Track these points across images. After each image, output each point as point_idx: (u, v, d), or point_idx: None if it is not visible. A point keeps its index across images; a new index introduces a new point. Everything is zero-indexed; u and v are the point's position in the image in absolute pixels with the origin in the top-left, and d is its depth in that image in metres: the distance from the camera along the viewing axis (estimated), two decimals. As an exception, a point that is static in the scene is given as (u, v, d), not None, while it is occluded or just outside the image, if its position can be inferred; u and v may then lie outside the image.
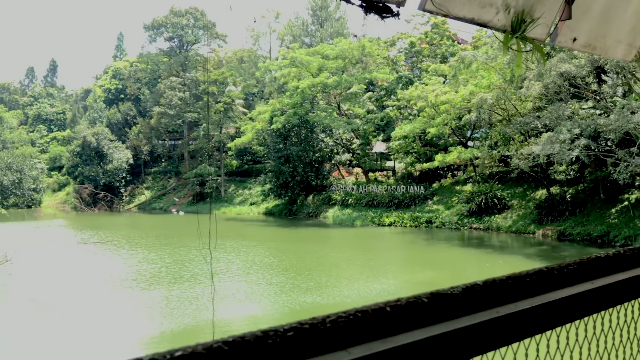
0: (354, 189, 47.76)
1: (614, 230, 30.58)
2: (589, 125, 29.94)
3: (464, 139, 44.33)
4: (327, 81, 46.20)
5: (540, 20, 5.71)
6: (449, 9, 5.17)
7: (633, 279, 0.99)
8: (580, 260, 0.96)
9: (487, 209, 37.73)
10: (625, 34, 6.80)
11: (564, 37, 6.06)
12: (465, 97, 37.50)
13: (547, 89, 32.54)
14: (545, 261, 26.86)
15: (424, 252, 30.98)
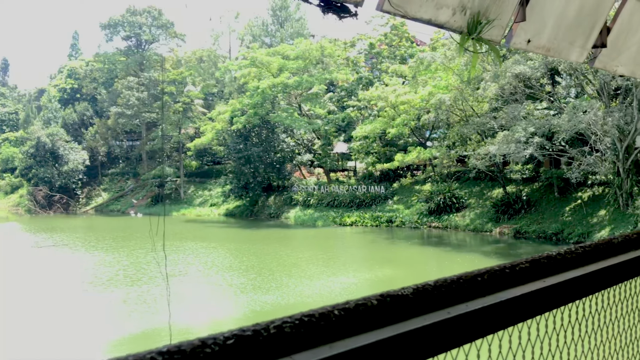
0: (316, 189, 47.81)
1: (568, 227, 31.45)
2: (543, 125, 30.72)
3: (423, 139, 44.90)
4: (288, 81, 46.11)
5: (496, 22, 5.80)
6: (407, 9, 5.20)
7: (584, 277, 0.98)
8: (532, 259, 0.95)
9: (446, 207, 38.32)
10: (578, 36, 6.97)
11: (519, 38, 6.17)
12: (425, 98, 38.01)
13: (503, 90, 33.26)
14: (502, 258, 27.44)
15: (384, 251, 31.23)
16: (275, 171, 49.92)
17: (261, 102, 46.89)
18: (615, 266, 1.11)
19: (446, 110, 37.03)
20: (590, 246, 1.12)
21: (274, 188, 50.66)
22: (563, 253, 1.03)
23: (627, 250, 1.22)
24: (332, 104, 50.16)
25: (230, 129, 49.24)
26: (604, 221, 30.21)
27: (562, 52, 7.15)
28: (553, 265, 0.97)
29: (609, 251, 1.16)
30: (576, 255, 1.05)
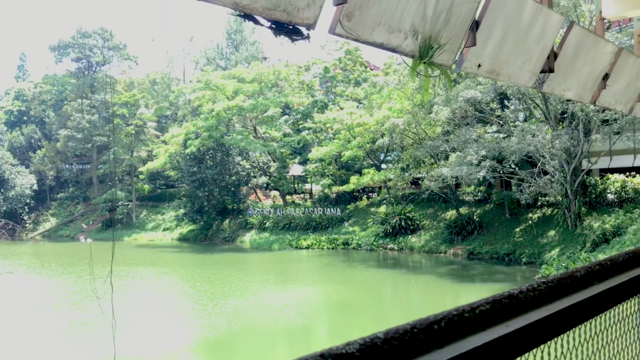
0: (272, 212, 47.47)
1: (519, 248, 32.08)
2: (493, 148, 31.44)
3: (378, 162, 45.32)
4: (243, 104, 45.94)
5: (447, 47, 5.86)
6: (359, 33, 5.18)
7: (548, 318, 0.90)
8: (493, 300, 0.86)
9: (401, 229, 38.61)
10: (526, 61, 7.12)
11: (469, 63, 6.25)
12: (379, 121, 38.47)
13: (455, 114, 33.99)
14: (456, 280, 27.73)
15: (340, 274, 31.11)
16: (230, 194, 49.40)
17: (216, 125, 46.52)
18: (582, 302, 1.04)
19: (400, 134, 37.55)
20: (553, 281, 1.04)
21: (229, 211, 50.06)
22: (525, 290, 0.94)
23: (590, 284, 1.15)
24: (287, 127, 50.20)
25: (184, 152, 48.58)
26: (554, 241, 30.95)
27: (511, 77, 7.29)
28: (515, 305, 0.89)
29: (573, 285, 1.09)
30: (540, 292, 0.97)
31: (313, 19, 4.67)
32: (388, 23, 5.24)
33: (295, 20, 4.59)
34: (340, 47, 52.01)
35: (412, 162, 38.12)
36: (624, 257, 1.35)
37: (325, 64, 52.89)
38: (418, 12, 5.36)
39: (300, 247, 41.61)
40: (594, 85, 8.82)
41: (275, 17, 4.47)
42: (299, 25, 4.68)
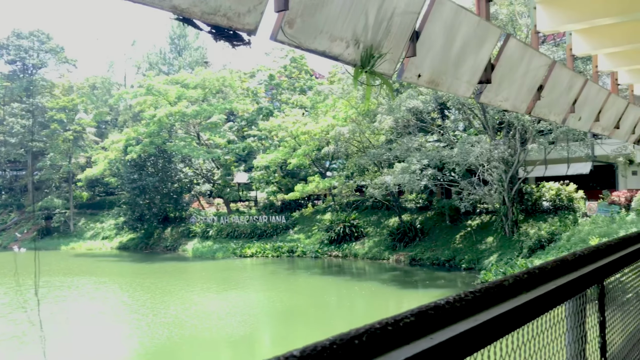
0: (215, 220, 46.83)
1: (459, 254, 32.85)
2: (435, 157, 32.15)
3: (323, 169, 45.51)
4: (186, 110, 45.22)
5: (388, 56, 5.92)
6: (301, 40, 5.16)
7: (475, 329, 0.88)
8: (418, 311, 0.83)
9: (346, 236, 38.86)
10: (464, 72, 7.28)
11: (410, 72, 6.33)
12: (324, 129, 38.68)
13: (397, 123, 34.58)
14: (399, 286, 28.08)
15: (284, 282, 30.97)
16: (173, 202, 48.46)
17: (158, 131, 45.60)
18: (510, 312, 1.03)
19: (345, 142, 37.86)
20: (481, 291, 1.03)
21: (170, 219, 49.07)
22: (451, 301, 0.92)
23: (518, 293, 1.15)
24: (232, 134, 49.74)
25: (124, 158, 47.34)
26: (492, 247, 31.84)
27: (450, 87, 7.43)
28: (441, 317, 0.86)
29: (501, 295, 1.08)
30: (467, 303, 0.95)
31: (254, 25, 4.61)
32: (330, 31, 5.24)
33: (236, 26, 4.53)
34: (286, 55, 52.09)
35: (357, 169, 38.50)
36: (552, 265, 1.37)
37: (270, 71, 52.81)
38: (359, 22, 5.40)
39: (245, 256, 41.20)
40: (529, 96, 9.13)
41: (215, 21, 4.39)
42: (240, 30, 4.62)
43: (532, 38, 9.70)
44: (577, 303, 1.49)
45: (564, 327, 1.54)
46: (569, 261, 1.46)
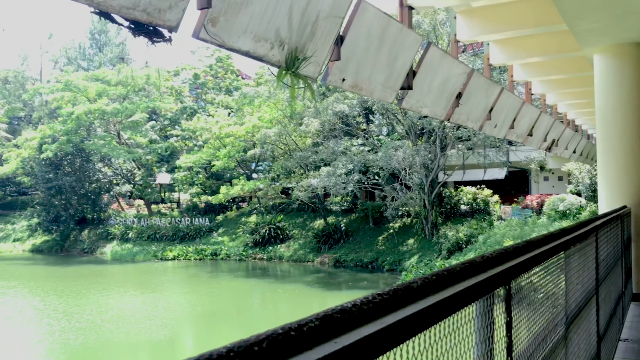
0: (135, 222, 45.38)
1: (382, 256, 33.50)
2: (360, 161, 32.68)
3: (249, 171, 45.17)
4: (107, 108, 43.60)
5: (313, 59, 5.94)
6: (224, 39, 5.09)
7: (381, 332, 0.88)
8: (324, 315, 0.82)
9: (271, 239, 38.73)
10: (387, 78, 7.43)
11: (334, 76, 6.40)
12: (249, 131, 38.40)
13: (324, 126, 34.87)
14: (323, 287, 28.27)
15: (206, 285, 30.45)
16: (90, 203, 46.56)
17: (75, 129, 43.68)
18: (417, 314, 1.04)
19: (271, 144, 37.75)
20: (389, 293, 1.03)
21: (88, 221, 47.11)
22: (359, 304, 0.91)
23: (427, 295, 1.16)
24: (154, 133, 48.38)
25: (39, 157, 45.01)
26: (413, 249, 32.68)
27: (373, 92, 7.56)
28: (348, 320, 0.85)
29: (409, 297, 1.08)
30: (374, 305, 0.95)
31: (175, 22, 4.50)
32: (254, 32, 5.20)
33: (156, 22, 4.40)
34: (212, 54, 51.30)
35: (283, 172, 38.46)
36: (460, 267, 1.39)
37: (195, 70, 51.84)
38: (284, 23, 5.39)
39: (166, 259, 40.20)
40: (448, 103, 9.44)
41: (135, 16, 4.25)
42: (160, 27, 4.50)
43: (452, 47, 10.04)
44: (485, 304, 1.53)
45: (473, 327, 1.58)
46: (477, 263, 1.50)
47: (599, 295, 3.86)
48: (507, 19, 9.47)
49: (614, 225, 5.35)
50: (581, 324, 3.14)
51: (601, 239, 4.08)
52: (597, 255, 3.79)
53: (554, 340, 2.38)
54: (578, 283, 3.10)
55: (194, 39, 4.85)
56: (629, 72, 7.73)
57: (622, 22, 6.95)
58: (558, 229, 2.72)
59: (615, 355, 5.07)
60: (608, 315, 4.68)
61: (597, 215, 4.64)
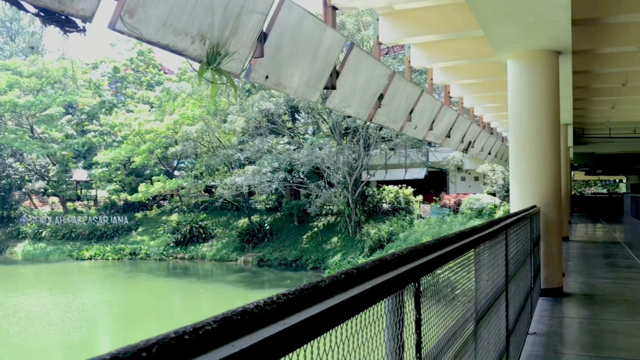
0: (49, 220, 43.24)
1: (306, 254, 33.66)
2: (285, 160, 32.66)
3: (170, 169, 44.09)
4: (19, 101, 41.28)
5: (236, 55, 5.86)
6: (142, 32, 4.92)
7: (283, 332, 0.86)
8: (223, 317, 0.79)
9: (193, 238, 38.02)
10: (312, 77, 7.45)
11: (257, 73, 6.34)
12: (171, 127, 37.46)
13: (249, 124, 34.58)
14: (247, 287, 28.04)
15: (124, 285, 29.48)
16: (0, 200, 43.96)
17: (-17, 122, 41.10)
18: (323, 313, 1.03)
19: (194, 141, 37.01)
20: (295, 293, 1.02)
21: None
22: (262, 305, 0.89)
23: (335, 294, 1.15)
24: (70, 128, 46.26)
25: (-59, 150, 42.05)
26: (337, 247, 33.05)
27: (297, 91, 7.55)
28: (249, 321, 0.83)
29: (316, 296, 1.07)
30: (278, 305, 0.93)
31: (90, 12, 4.31)
32: (174, 25, 5.06)
33: (69, 11, 4.19)
34: (133, 47, 49.68)
35: (206, 170, 37.80)
36: (370, 265, 1.40)
37: (115, 63, 50.00)
38: (206, 18, 5.28)
39: (82, 258, 38.60)
40: (370, 104, 9.59)
41: (45, 4, 4.03)
42: (73, 16, 4.29)
43: (374, 49, 10.21)
44: (395, 301, 1.55)
45: (385, 323, 1.59)
46: (388, 261, 1.51)
47: (509, 291, 4.03)
48: (428, 23, 9.73)
49: (523, 224, 5.61)
50: (491, 320, 3.26)
51: (511, 237, 4.26)
52: (507, 252, 3.96)
53: (464, 336, 2.46)
54: (488, 280, 3.22)
55: (110, 30, 4.67)
56: (539, 77, 8.14)
57: (533, 29, 7.31)
58: (470, 227, 2.81)
59: (523, 349, 5.31)
60: (517, 310, 4.90)
61: (507, 215, 4.85)
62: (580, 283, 9.05)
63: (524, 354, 5.20)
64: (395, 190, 35.02)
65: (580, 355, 5.30)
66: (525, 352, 5.29)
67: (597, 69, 13.11)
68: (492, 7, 6.52)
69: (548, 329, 6.19)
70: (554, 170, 8.22)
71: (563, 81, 10.74)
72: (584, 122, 22.77)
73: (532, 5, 6.43)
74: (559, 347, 5.53)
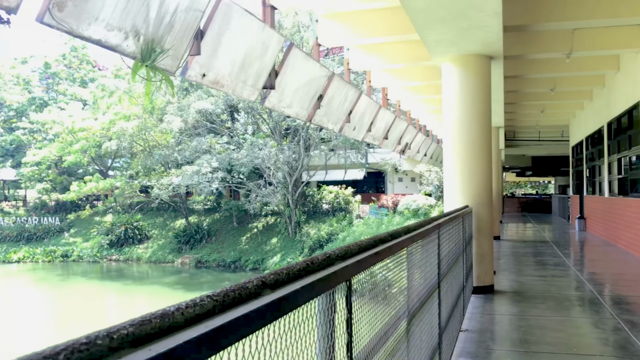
0: (-27, 221, 41.10)
1: (245, 255, 33.39)
2: (224, 160, 32.28)
3: (104, 168, 42.77)
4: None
5: (171, 52, 5.73)
6: (72, 26, 4.74)
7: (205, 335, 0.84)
8: (141, 320, 0.77)
9: (128, 239, 37.02)
10: (250, 76, 7.39)
11: (194, 71, 6.22)
12: (106, 126, 36.33)
13: (187, 123, 33.98)
14: (184, 289, 27.55)
15: (55, 288, 28.38)
16: None
17: None
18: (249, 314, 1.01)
19: (129, 139, 36.02)
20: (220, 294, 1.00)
21: None
22: (184, 307, 0.87)
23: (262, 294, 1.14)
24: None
25: None
26: (276, 248, 32.97)
27: (235, 90, 7.47)
28: (169, 324, 0.81)
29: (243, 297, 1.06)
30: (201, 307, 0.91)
31: (15, 3, 4.11)
32: (107, 20, 4.91)
33: (-8, 1, 3.98)
34: (65, 43, 47.91)
35: (142, 169, 36.87)
36: (301, 265, 1.40)
37: (46, 58, 48.06)
38: (140, 13, 5.14)
39: (10, 261, 36.87)
40: (310, 105, 9.62)
41: (-36, -7, 3.81)
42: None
43: (314, 50, 10.24)
44: (326, 301, 1.55)
45: (315, 323, 1.59)
46: (320, 260, 1.51)
47: (441, 289, 4.13)
48: (367, 26, 9.85)
49: (456, 224, 5.76)
50: (423, 317, 3.33)
51: (443, 236, 4.36)
52: (440, 251, 4.05)
53: (396, 334, 2.49)
54: (421, 278, 3.29)
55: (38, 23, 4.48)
56: (472, 81, 8.38)
57: (467, 34, 7.52)
58: (403, 227, 2.86)
59: (455, 346, 5.45)
60: (450, 308, 5.02)
61: (441, 214, 4.97)
62: (510, 281, 9.38)
63: (456, 351, 5.34)
64: (335, 191, 35.26)
65: (510, 350, 5.49)
66: (457, 348, 5.44)
67: (527, 74, 13.64)
68: (428, 12, 6.67)
69: (480, 326, 6.38)
70: (486, 171, 8.49)
71: (495, 85, 11.11)
72: (515, 125, 23.67)
73: (465, 11, 6.61)
74: (490, 344, 5.72)
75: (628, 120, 13.25)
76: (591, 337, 5.94)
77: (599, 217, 17.25)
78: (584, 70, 13.56)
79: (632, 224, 12.81)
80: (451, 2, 6.37)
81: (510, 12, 9.10)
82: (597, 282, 9.35)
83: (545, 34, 11.04)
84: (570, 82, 15.52)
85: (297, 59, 8.32)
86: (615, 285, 9.41)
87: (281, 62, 8.10)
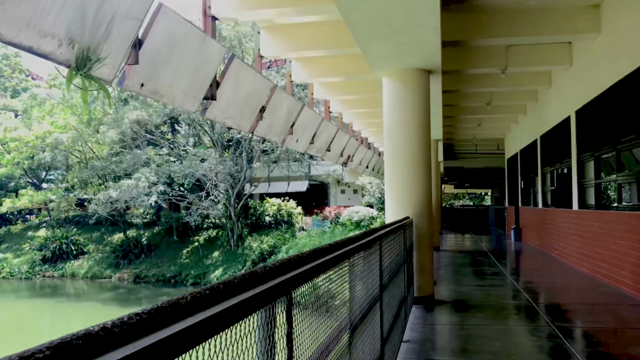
0: None
1: (186, 269, 32.69)
2: (164, 172, 31.61)
3: (38, 181, 41.08)
4: None
5: (108, 61, 5.56)
6: (2, 32, 4.53)
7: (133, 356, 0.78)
8: (59, 343, 0.71)
9: (63, 255, 35.60)
10: (190, 86, 7.26)
11: (132, 81, 6.06)
12: (40, 137, 34.95)
13: (125, 134, 33.12)
14: (120, 305, 26.70)
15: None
16: None
17: None
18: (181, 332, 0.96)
19: (65, 151, 34.77)
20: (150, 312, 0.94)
21: None
22: (110, 327, 0.81)
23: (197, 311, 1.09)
24: None
25: None
26: (218, 261, 32.46)
27: (175, 100, 7.33)
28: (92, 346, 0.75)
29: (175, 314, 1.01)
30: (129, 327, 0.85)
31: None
32: (39, 26, 4.72)
33: None
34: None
35: (79, 182, 35.61)
36: (239, 279, 1.35)
37: (-25, 66, 45.94)
38: (75, 20, 4.97)
39: None
40: (252, 116, 9.55)
41: None
42: None
43: (256, 61, 10.20)
44: (266, 315, 1.51)
45: (257, 336, 1.55)
46: (259, 274, 1.47)
47: (383, 300, 4.14)
48: (308, 39, 9.90)
49: (397, 235, 5.82)
50: (366, 329, 3.32)
51: (385, 247, 4.39)
52: (381, 262, 4.07)
53: (339, 347, 2.47)
54: (363, 289, 3.28)
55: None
56: (411, 94, 8.54)
57: (406, 49, 7.66)
58: (345, 238, 2.84)
59: (398, 356, 5.48)
60: (392, 318, 5.05)
61: (382, 225, 5.00)
62: (450, 291, 9.56)
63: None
64: (277, 203, 35.10)
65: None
66: (399, 359, 5.47)
67: (464, 88, 14.05)
68: (369, 26, 6.76)
69: (421, 336, 6.45)
70: (425, 183, 8.64)
71: (434, 99, 11.37)
72: (454, 138, 24.32)
73: (405, 26, 6.74)
74: (431, 354, 5.78)
75: (560, 134, 13.84)
76: (528, 345, 6.10)
77: (533, 228, 17.89)
78: (519, 86, 14.10)
79: (564, 234, 13.34)
80: (391, 17, 6.48)
81: (449, 28, 9.36)
82: (532, 290, 9.66)
83: (482, 49, 11.42)
84: (506, 97, 16.09)
85: (239, 70, 8.26)
86: (549, 293, 9.74)
87: (222, 72, 8.01)
